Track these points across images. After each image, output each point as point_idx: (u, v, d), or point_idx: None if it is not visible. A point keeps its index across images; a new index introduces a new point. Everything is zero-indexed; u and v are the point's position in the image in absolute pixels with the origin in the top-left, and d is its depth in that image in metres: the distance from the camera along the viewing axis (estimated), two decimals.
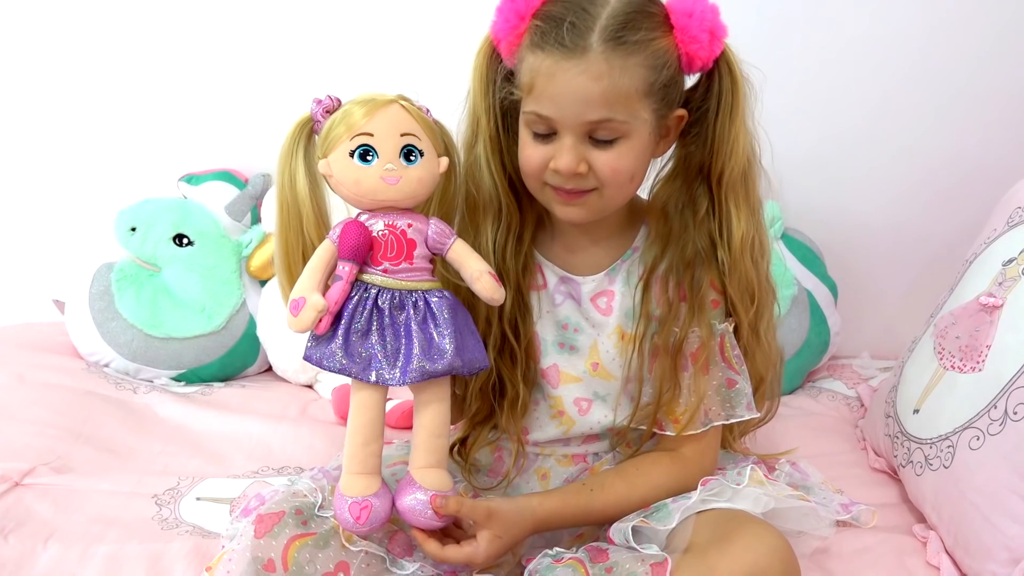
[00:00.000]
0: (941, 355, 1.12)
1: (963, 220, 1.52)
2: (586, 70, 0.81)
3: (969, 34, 1.50)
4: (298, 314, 0.80)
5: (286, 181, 0.86)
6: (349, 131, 0.82)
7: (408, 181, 0.83)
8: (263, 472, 1.22)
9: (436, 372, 0.81)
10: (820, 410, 1.43)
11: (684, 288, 0.93)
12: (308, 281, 0.82)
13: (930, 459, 1.06)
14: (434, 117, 0.88)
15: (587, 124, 0.84)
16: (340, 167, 0.83)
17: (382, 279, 0.83)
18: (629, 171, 0.87)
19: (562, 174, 0.86)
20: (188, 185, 1.58)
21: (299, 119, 0.87)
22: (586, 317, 0.98)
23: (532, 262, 0.99)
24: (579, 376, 0.99)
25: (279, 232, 0.88)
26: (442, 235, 0.86)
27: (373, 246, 0.83)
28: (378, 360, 0.81)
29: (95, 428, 1.29)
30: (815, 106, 1.54)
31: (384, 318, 0.82)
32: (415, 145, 0.83)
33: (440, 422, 0.86)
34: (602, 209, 0.91)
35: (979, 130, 1.54)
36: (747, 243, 0.92)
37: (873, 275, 1.64)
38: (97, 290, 1.50)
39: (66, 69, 1.61)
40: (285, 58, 1.59)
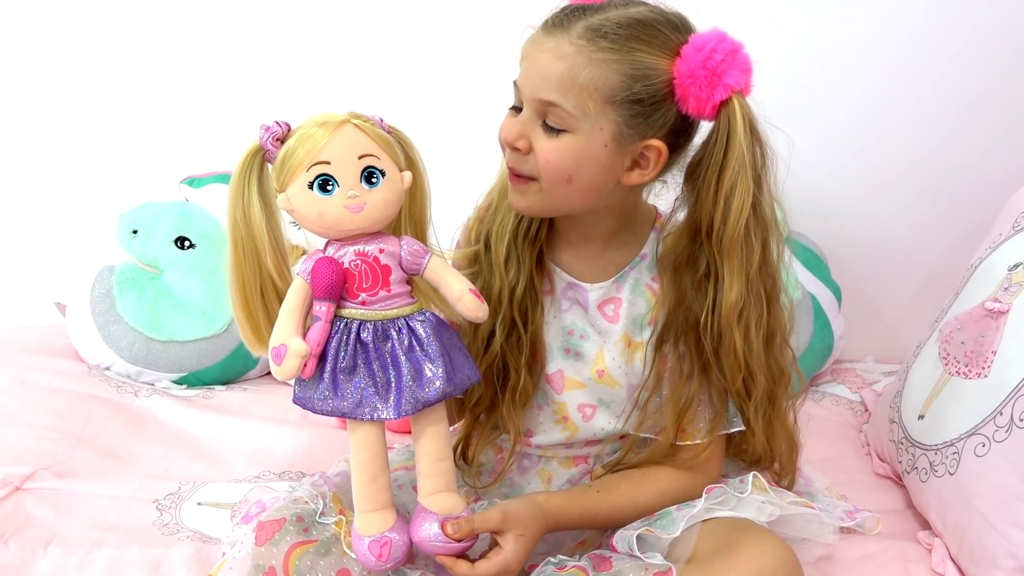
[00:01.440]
0: (946, 360, 1.12)
1: (968, 224, 1.53)
2: (554, 48, 0.82)
3: (975, 40, 1.49)
4: (282, 363, 0.78)
5: (239, 216, 0.81)
6: (304, 161, 0.78)
7: (374, 206, 0.79)
8: (264, 477, 1.22)
9: (429, 400, 0.80)
10: (824, 415, 1.42)
11: (692, 353, 0.91)
12: (287, 326, 0.79)
13: (935, 465, 1.06)
14: (389, 125, 0.84)
15: (538, 102, 0.83)
16: (300, 201, 0.79)
17: (362, 312, 0.81)
18: (565, 169, 0.84)
19: (503, 142, 0.87)
20: (190, 187, 1.58)
21: (248, 149, 0.81)
22: (592, 324, 0.98)
23: (545, 265, 0.98)
24: (584, 382, 0.98)
25: (233, 269, 0.83)
26: (416, 255, 0.83)
27: (347, 279, 0.80)
28: (369, 396, 0.80)
29: (96, 432, 1.29)
30: (819, 110, 1.53)
31: (369, 352, 0.80)
32: (375, 166, 0.79)
33: (441, 445, 0.84)
34: (544, 206, 0.89)
35: (985, 134, 1.53)
36: (735, 313, 0.86)
37: (877, 279, 1.63)
38: (98, 293, 1.49)
39: (68, 72, 1.61)
40: (286, 60, 1.59)
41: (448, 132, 1.28)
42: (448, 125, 1.39)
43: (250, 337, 0.86)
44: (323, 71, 1.58)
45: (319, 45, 1.58)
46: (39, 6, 1.58)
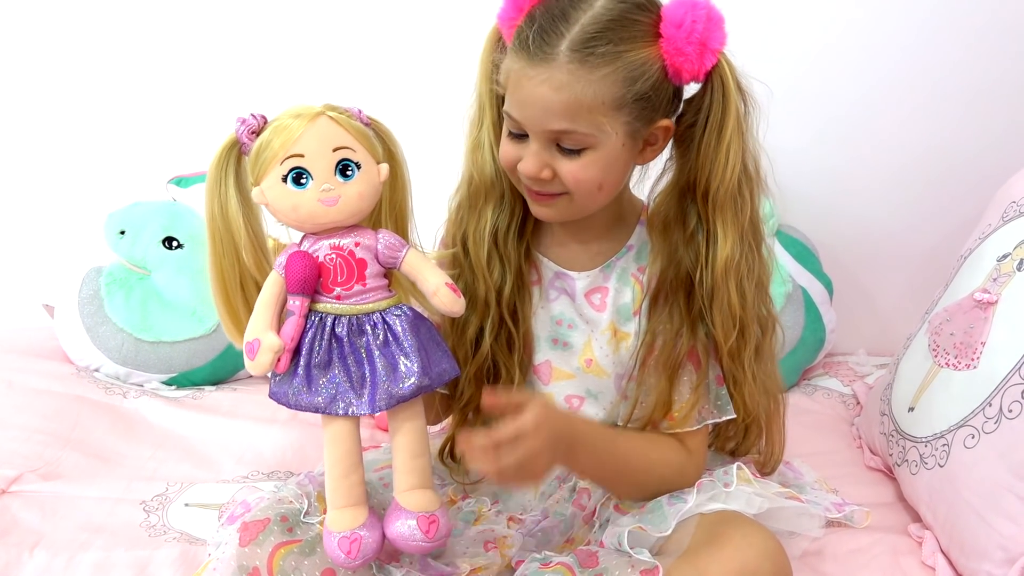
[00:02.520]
0: (936, 352, 1.11)
1: (958, 215, 1.51)
2: (548, 79, 0.80)
3: (964, 29, 1.48)
4: (255, 357, 0.77)
5: (216, 209, 0.80)
6: (278, 154, 0.77)
7: (348, 199, 0.79)
8: (253, 477, 1.21)
9: (404, 396, 0.79)
10: (815, 408, 1.42)
11: (680, 307, 0.91)
12: (260, 320, 0.79)
13: (925, 458, 1.05)
14: (367, 117, 0.83)
15: (549, 132, 0.83)
16: (274, 194, 0.78)
17: (336, 307, 0.80)
18: (595, 181, 0.86)
19: (526, 179, 0.86)
20: (177, 187, 1.56)
21: (224, 142, 0.81)
22: (580, 313, 0.97)
23: (530, 252, 0.98)
24: (572, 373, 0.98)
25: (212, 262, 0.82)
26: (392, 248, 0.82)
27: (322, 272, 0.80)
28: (344, 391, 0.79)
29: (84, 433, 1.28)
30: (809, 102, 1.53)
31: (344, 346, 0.79)
32: (350, 159, 0.79)
33: (418, 441, 0.84)
34: (575, 213, 0.90)
35: (974, 125, 1.52)
36: (731, 266, 0.88)
37: (868, 271, 1.62)
38: (86, 294, 1.49)
39: (54, 72, 1.60)
40: (273, 58, 1.58)
41: (432, 125, 1.27)
42: (432, 118, 1.38)
43: (231, 329, 0.86)
44: (310, 69, 1.58)
45: (305, 44, 1.58)
46: (23, 6, 1.57)
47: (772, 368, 0.98)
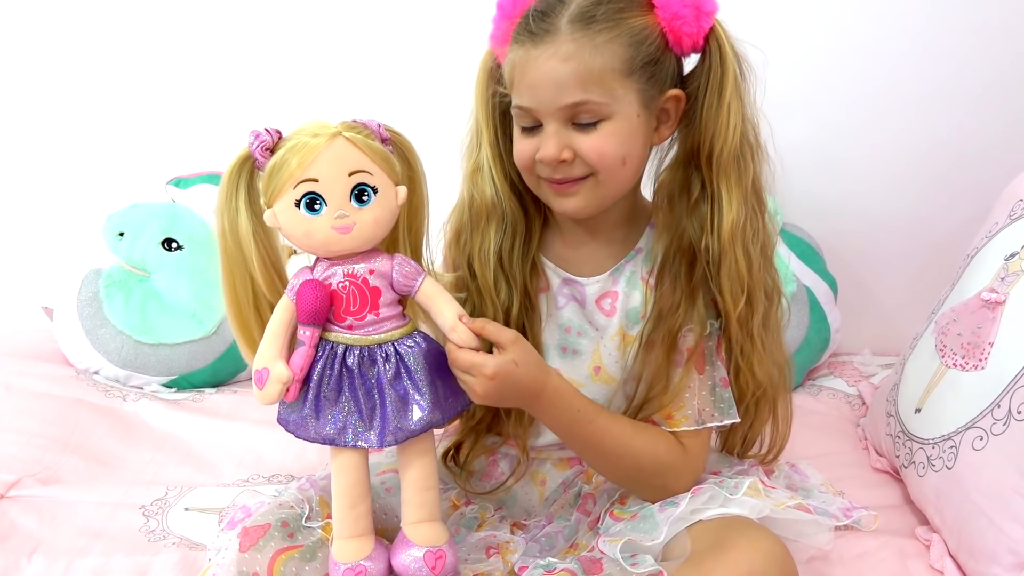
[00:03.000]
0: (943, 353, 1.10)
1: (964, 213, 1.51)
2: (555, 53, 0.81)
3: (969, 26, 1.47)
4: (263, 387, 0.76)
5: (227, 225, 0.78)
6: (292, 178, 0.74)
7: (363, 226, 0.76)
8: (253, 480, 1.20)
9: (413, 432, 0.78)
10: (821, 408, 1.41)
11: (680, 278, 0.90)
12: (270, 349, 0.77)
13: (932, 460, 1.04)
14: (385, 132, 0.80)
15: (565, 109, 0.83)
16: (287, 218, 0.76)
17: (348, 336, 0.78)
18: (618, 154, 0.85)
19: (546, 163, 0.85)
20: (176, 188, 1.56)
21: (236, 157, 0.78)
22: (589, 320, 0.96)
23: (538, 264, 0.97)
24: (580, 382, 0.96)
25: (225, 281, 0.81)
26: (408, 277, 0.80)
27: (334, 300, 0.78)
28: (353, 423, 0.78)
29: (83, 437, 1.27)
30: (814, 99, 1.52)
31: (354, 378, 0.78)
32: (366, 183, 0.76)
33: (427, 475, 0.83)
34: (601, 198, 0.88)
35: (980, 122, 1.51)
36: (738, 230, 0.87)
37: (873, 270, 1.61)
38: (85, 296, 1.48)
39: (52, 73, 1.59)
40: (273, 58, 1.57)
41: (443, 135, 1.26)
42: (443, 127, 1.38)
43: (245, 347, 0.84)
44: (312, 69, 1.57)
45: (308, 43, 1.57)
46: (22, 7, 1.56)
47: (779, 339, 0.97)
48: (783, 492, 0.94)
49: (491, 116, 0.93)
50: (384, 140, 0.80)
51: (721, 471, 1.01)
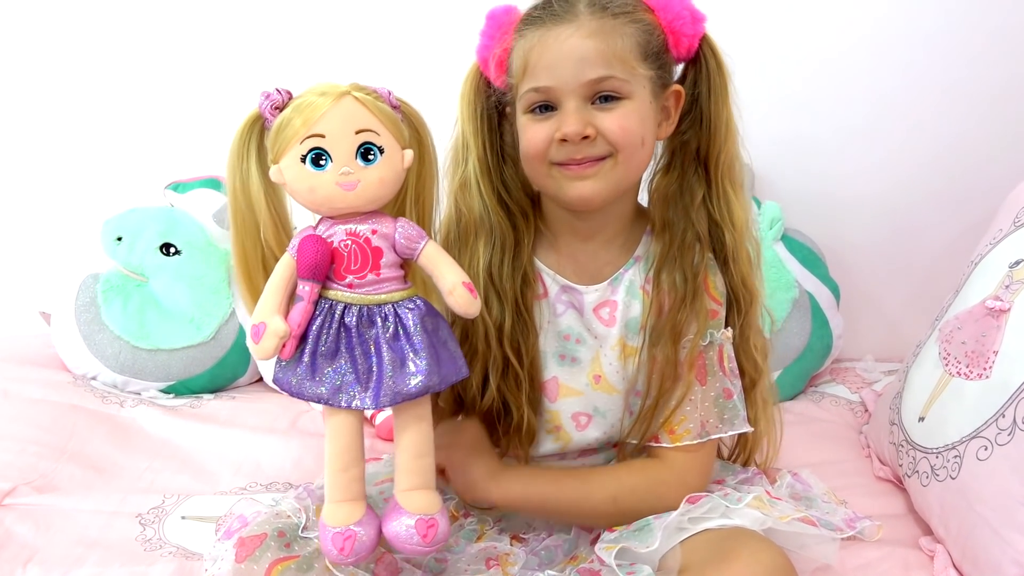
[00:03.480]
0: (946, 361, 1.09)
1: (968, 218, 1.50)
2: (577, 30, 0.83)
3: (973, 30, 1.46)
4: (259, 341, 0.75)
5: (238, 185, 0.79)
6: (298, 133, 0.75)
7: (368, 185, 0.76)
8: (251, 488, 1.19)
9: (410, 394, 0.77)
10: (823, 416, 1.39)
11: (679, 277, 0.91)
12: (268, 303, 0.77)
13: (936, 469, 1.03)
14: (395, 100, 0.81)
15: (587, 84, 0.83)
16: (292, 174, 0.76)
17: (347, 295, 0.77)
18: (639, 132, 0.85)
19: (570, 138, 0.84)
20: (175, 193, 1.56)
21: (248, 116, 0.79)
22: (588, 328, 0.95)
23: (532, 272, 0.95)
24: (580, 390, 0.96)
25: (235, 241, 0.81)
26: (411, 239, 0.79)
27: (335, 258, 0.77)
28: (349, 383, 0.77)
29: (80, 444, 1.27)
30: (816, 105, 1.51)
31: (352, 337, 0.77)
32: (372, 142, 0.76)
33: (422, 441, 0.81)
34: (617, 182, 0.87)
35: (983, 128, 1.51)
36: (746, 226, 0.92)
37: (876, 276, 1.60)
38: (83, 302, 1.47)
39: (50, 77, 1.59)
40: (273, 62, 1.56)
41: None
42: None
43: (252, 308, 0.82)
44: (311, 74, 1.55)
45: (307, 47, 1.56)
46: (20, 10, 1.55)
47: (758, 334, 0.99)
48: (787, 504, 0.93)
49: (480, 130, 0.92)
50: (394, 107, 0.80)
51: (725, 480, 1.00)
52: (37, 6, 1.56)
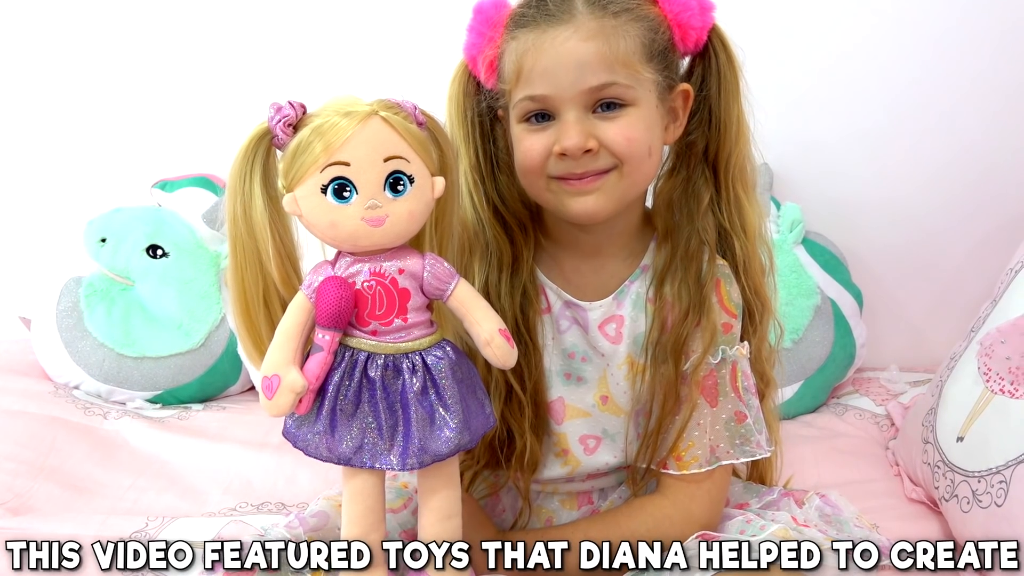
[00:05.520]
0: (988, 377, 1.02)
1: (993, 221, 1.46)
2: (575, 33, 0.76)
3: (998, 29, 1.40)
4: (273, 396, 0.66)
5: (239, 211, 0.70)
6: (319, 160, 0.65)
7: (397, 220, 0.67)
8: (241, 509, 1.13)
9: (440, 455, 0.69)
10: (847, 430, 1.32)
11: (686, 285, 0.84)
12: (282, 353, 0.67)
13: (979, 494, 0.96)
14: (421, 115, 0.72)
15: (588, 92, 0.76)
16: (311, 206, 0.67)
17: (371, 343, 0.69)
18: (645, 142, 0.79)
19: (570, 153, 0.76)
20: (162, 192, 1.50)
21: (254, 132, 0.69)
22: (593, 346, 0.89)
23: (534, 288, 0.88)
24: (587, 410, 0.89)
25: (233, 272, 0.72)
26: (441, 280, 0.71)
27: (358, 301, 0.69)
28: (371, 441, 0.69)
29: (59, 460, 1.20)
30: (837, 104, 1.45)
31: (376, 391, 0.69)
32: (403, 171, 0.67)
33: (451, 504, 0.74)
34: (622, 195, 0.80)
35: (1008, 129, 1.44)
36: (759, 233, 0.87)
37: (901, 281, 1.54)
38: (65, 307, 1.42)
39: (32, 70, 1.54)
40: (263, 56, 1.51)
41: None
42: None
43: (250, 349, 0.75)
44: (303, 70, 1.51)
45: (297, 43, 1.50)
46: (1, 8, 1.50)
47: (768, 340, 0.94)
48: (815, 531, 0.86)
49: (471, 135, 0.85)
50: (420, 124, 0.71)
51: (748, 503, 0.94)
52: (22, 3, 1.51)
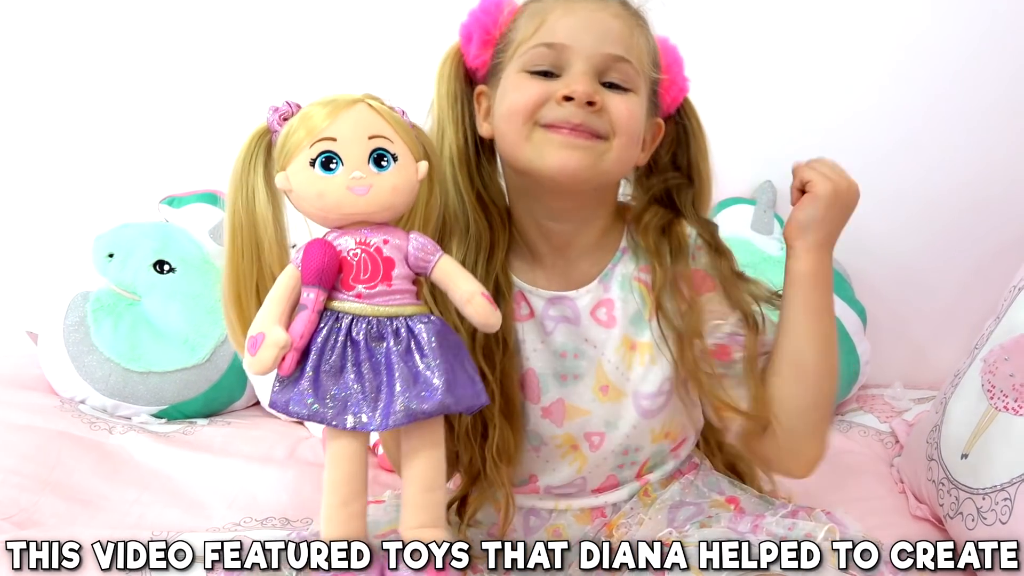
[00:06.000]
0: (992, 394, 1.02)
1: (998, 239, 1.46)
2: (605, 7, 0.81)
3: (998, 52, 1.42)
4: (256, 352, 0.68)
5: (241, 201, 0.74)
6: (308, 137, 0.71)
7: (380, 190, 0.71)
8: (245, 524, 1.12)
9: (423, 412, 0.69)
10: (851, 447, 1.32)
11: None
12: (268, 313, 0.70)
13: (983, 512, 0.96)
14: (410, 121, 0.77)
15: (603, 56, 0.79)
16: (300, 179, 0.71)
17: (355, 305, 0.71)
18: (640, 125, 0.82)
19: (577, 97, 0.77)
20: (169, 208, 1.51)
21: (255, 129, 0.76)
22: (585, 337, 0.89)
23: (508, 285, 0.88)
24: (587, 408, 0.89)
25: (229, 260, 0.75)
26: (425, 251, 0.74)
27: (343, 268, 0.72)
28: (355, 401, 0.69)
29: (65, 474, 1.19)
30: (841, 122, 1.46)
31: (360, 351, 0.70)
32: (386, 148, 0.72)
33: (433, 473, 0.74)
34: (604, 169, 0.80)
35: (1014, 145, 1.45)
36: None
37: (904, 298, 1.54)
38: (72, 321, 1.42)
39: (40, 86, 1.54)
40: (270, 73, 1.52)
41: None
42: None
43: (240, 340, 0.76)
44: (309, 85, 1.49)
45: (304, 58, 1.52)
46: (8, 21, 1.52)
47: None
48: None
49: (459, 119, 0.86)
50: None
51: (764, 516, 0.92)
52: (29, 16, 1.51)
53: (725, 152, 1.39)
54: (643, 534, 0.87)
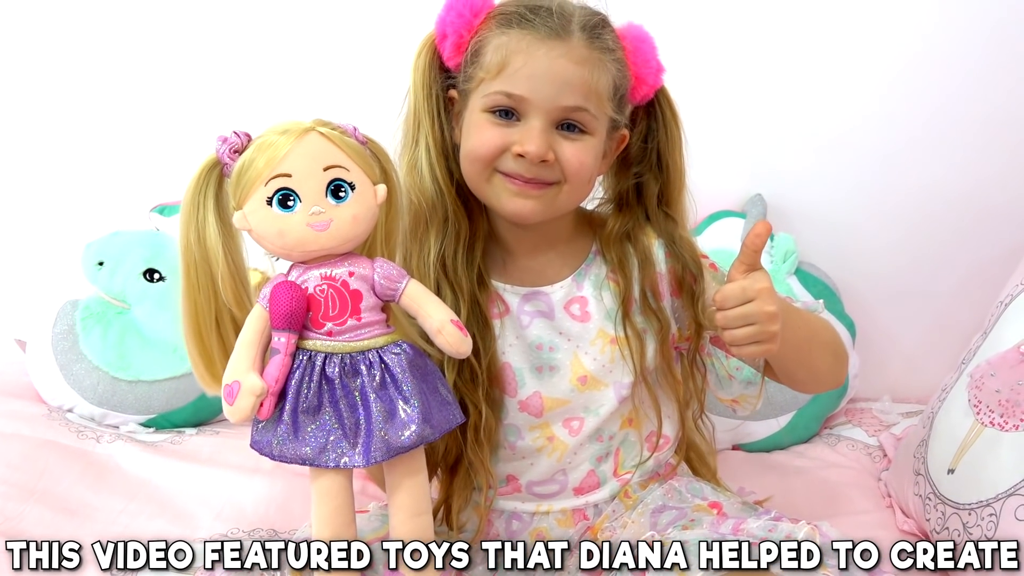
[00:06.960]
0: (978, 409, 1.03)
1: (988, 252, 1.46)
2: (567, 53, 0.81)
3: (993, 66, 1.41)
4: (234, 402, 0.69)
5: (192, 237, 0.74)
6: (262, 174, 0.70)
7: (341, 223, 0.72)
8: (232, 535, 1.12)
9: (403, 447, 0.71)
10: (840, 461, 1.32)
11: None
12: (241, 360, 0.71)
13: (969, 527, 0.96)
14: (363, 136, 0.77)
15: (560, 109, 0.82)
16: (258, 218, 0.71)
17: (327, 343, 0.72)
18: (591, 170, 0.85)
19: (529, 158, 0.81)
20: (160, 216, 1.50)
21: (204, 162, 0.75)
22: (560, 331, 0.91)
23: (489, 288, 0.91)
24: (565, 398, 0.91)
25: (186, 296, 0.76)
26: (391, 279, 0.75)
27: (311, 306, 0.72)
28: (336, 440, 0.71)
29: (51, 484, 1.19)
30: (832, 138, 1.46)
31: (336, 389, 0.71)
32: (343, 179, 0.72)
33: (418, 498, 0.75)
34: (556, 209, 0.86)
35: (1006, 158, 1.45)
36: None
37: (893, 312, 1.54)
38: (61, 329, 1.41)
39: (30, 93, 1.53)
40: (261, 79, 1.51)
41: None
42: None
43: (203, 373, 0.78)
44: (296, 93, 1.50)
45: (292, 66, 1.51)
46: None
47: None
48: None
49: (434, 111, 0.88)
50: (361, 143, 0.76)
51: (746, 519, 0.93)
52: (18, 23, 1.50)
53: (715, 165, 1.42)
54: (626, 537, 0.88)
